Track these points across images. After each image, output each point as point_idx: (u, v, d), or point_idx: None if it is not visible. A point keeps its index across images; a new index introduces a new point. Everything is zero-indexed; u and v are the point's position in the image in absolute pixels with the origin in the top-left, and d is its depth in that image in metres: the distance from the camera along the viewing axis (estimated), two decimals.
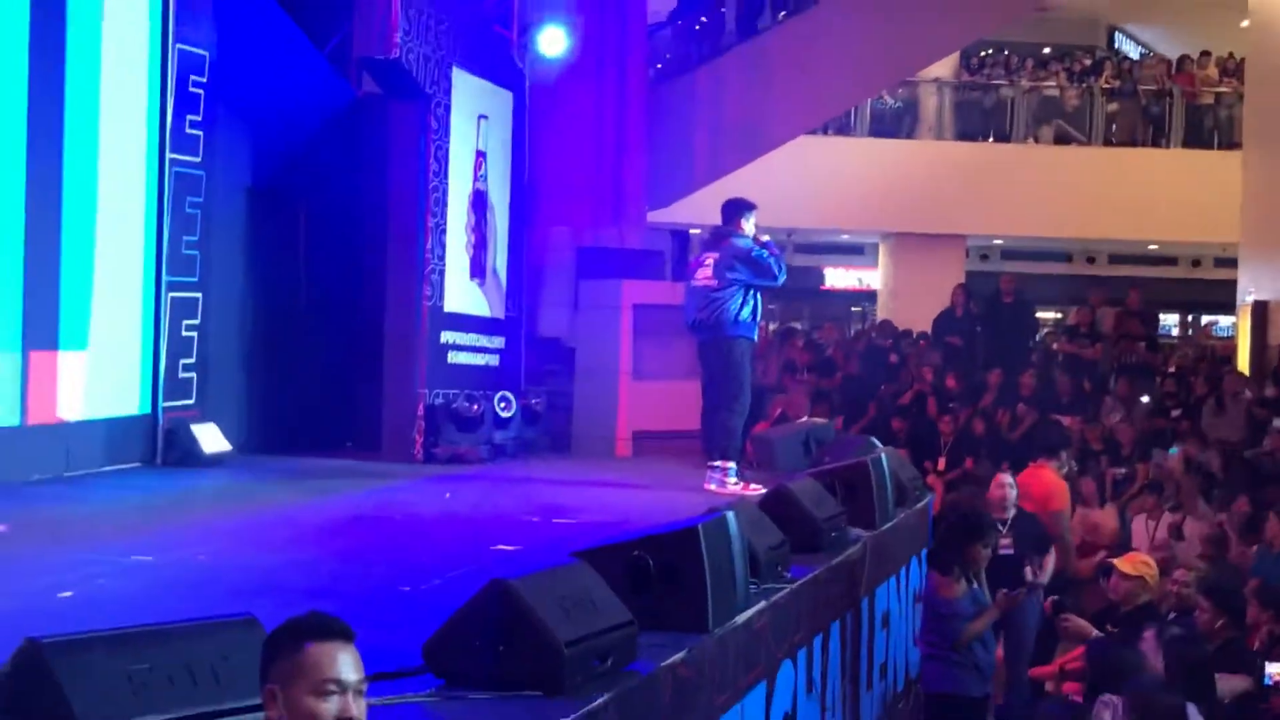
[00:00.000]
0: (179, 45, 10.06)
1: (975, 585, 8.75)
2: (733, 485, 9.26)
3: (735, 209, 9.80)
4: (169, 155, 10.01)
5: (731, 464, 9.39)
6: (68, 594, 5.49)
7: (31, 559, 6.28)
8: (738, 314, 9.41)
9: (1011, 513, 10.00)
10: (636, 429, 12.77)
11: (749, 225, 9.66)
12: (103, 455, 9.62)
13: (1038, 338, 18.92)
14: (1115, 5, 28.98)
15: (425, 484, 9.73)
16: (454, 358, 11.91)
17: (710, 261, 9.55)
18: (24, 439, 8.93)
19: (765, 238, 9.67)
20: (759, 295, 9.53)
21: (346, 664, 3.03)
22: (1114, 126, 24.10)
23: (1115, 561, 9.14)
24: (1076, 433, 13.97)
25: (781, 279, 9.57)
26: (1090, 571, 10.51)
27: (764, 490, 8.83)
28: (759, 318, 9.63)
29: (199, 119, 10.27)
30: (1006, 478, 9.75)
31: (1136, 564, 8.89)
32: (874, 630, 7.41)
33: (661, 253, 15.89)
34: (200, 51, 10.27)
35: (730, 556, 5.11)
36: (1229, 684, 7.71)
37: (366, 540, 7.34)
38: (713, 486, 9.26)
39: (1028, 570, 9.70)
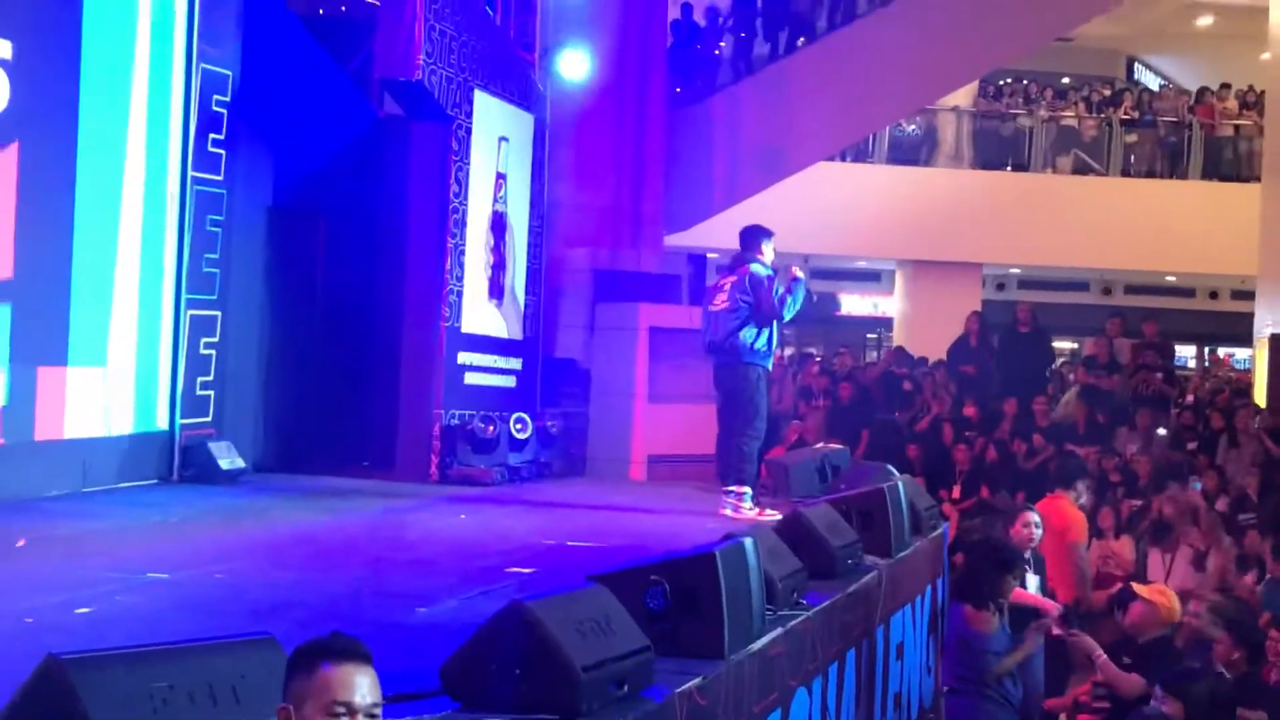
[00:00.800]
0: (203, 65, 10.13)
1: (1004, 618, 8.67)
2: (748, 511, 9.24)
3: (754, 236, 9.79)
4: (191, 173, 10.08)
5: (746, 489, 9.38)
6: (86, 610, 5.50)
7: (49, 574, 6.30)
8: (754, 341, 9.41)
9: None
10: (652, 452, 12.78)
11: (768, 252, 9.68)
12: (120, 471, 9.66)
13: (1054, 367, 18.84)
14: (1135, 37, 29.02)
15: (440, 505, 9.74)
16: (471, 379, 11.94)
17: (728, 286, 9.56)
18: (42, 454, 8.97)
19: (797, 271, 9.71)
20: (774, 325, 9.52)
21: (360, 687, 3.03)
22: (1132, 157, 24.10)
23: (1136, 587, 9.09)
24: (1093, 464, 13.92)
25: (787, 316, 9.51)
26: (1105, 603, 10.46)
27: (779, 516, 8.80)
28: (774, 345, 9.61)
29: (221, 138, 10.33)
30: (1034, 516, 9.64)
31: (1156, 593, 8.85)
32: (889, 659, 7.39)
33: (678, 276, 15.89)
34: (224, 71, 10.33)
35: (747, 583, 5.11)
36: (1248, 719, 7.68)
37: (382, 560, 7.34)
38: (728, 512, 9.25)
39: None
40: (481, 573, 6.85)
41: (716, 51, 19.44)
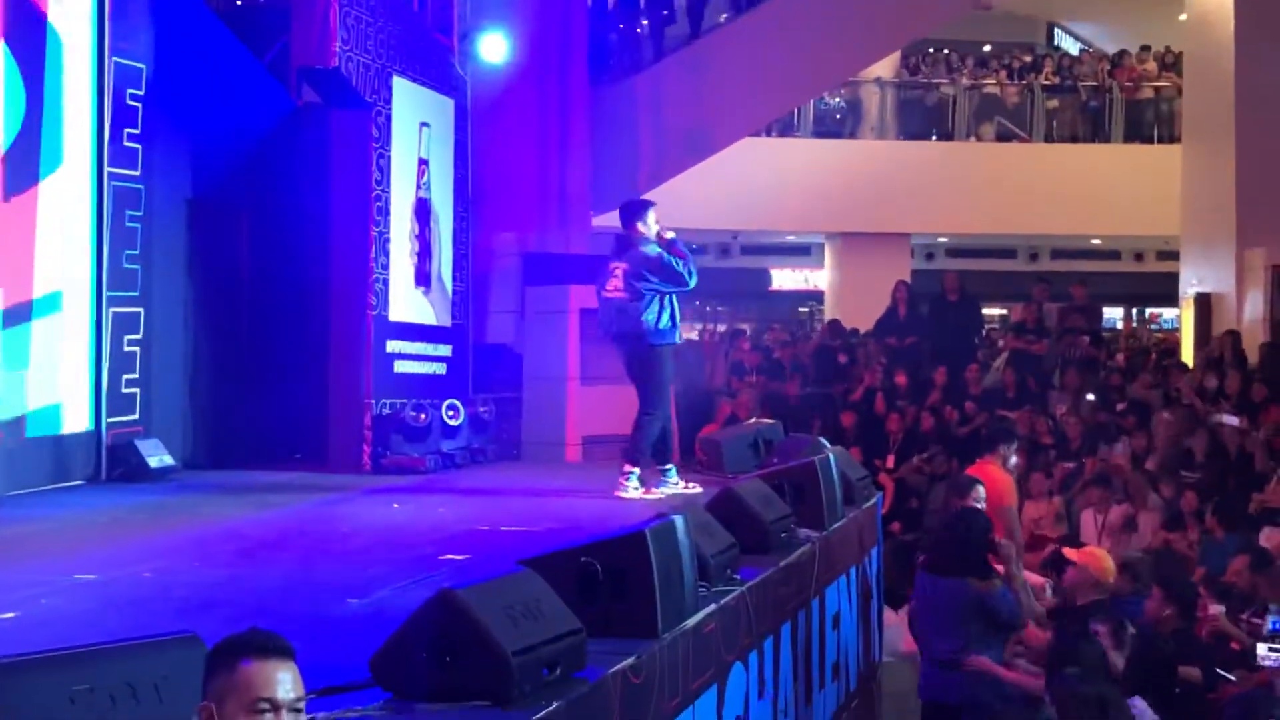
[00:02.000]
0: (115, 58, 10.00)
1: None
2: (634, 492, 9.14)
3: (632, 211, 9.55)
4: (107, 169, 9.94)
5: (634, 469, 9.25)
6: (11, 614, 5.43)
7: None
8: (656, 323, 9.26)
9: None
10: (586, 434, 12.75)
11: (649, 226, 9.41)
12: (46, 473, 9.53)
13: (984, 334, 18.98)
14: (1054, 2, 29.21)
15: (373, 495, 9.68)
16: (400, 367, 11.87)
17: (619, 272, 9.37)
18: None
19: (670, 234, 9.42)
20: (675, 299, 9.37)
21: (283, 682, 3.00)
22: (1054, 123, 24.29)
23: (1067, 551, 9.16)
24: (1024, 427, 14.04)
25: (693, 282, 9.35)
26: (1037, 567, 10.56)
27: (664, 495, 9.04)
28: (678, 320, 9.43)
29: (137, 132, 10.20)
30: (981, 490, 9.55)
31: (1089, 555, 8.92)
32: (825, 630, 7.42)
33: (607, 257, 15.86)
34: (137, 65, 10.20)
35: (679, 560, 5.10)
36: (1187, 676, 7.77)
37: (313, 553, 7.29)
38: (619, 492, 9.17)
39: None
40: (415, 562, 6.81)
41: (638, 30, 19.41)
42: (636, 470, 9.25)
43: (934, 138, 24.20)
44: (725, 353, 18.11)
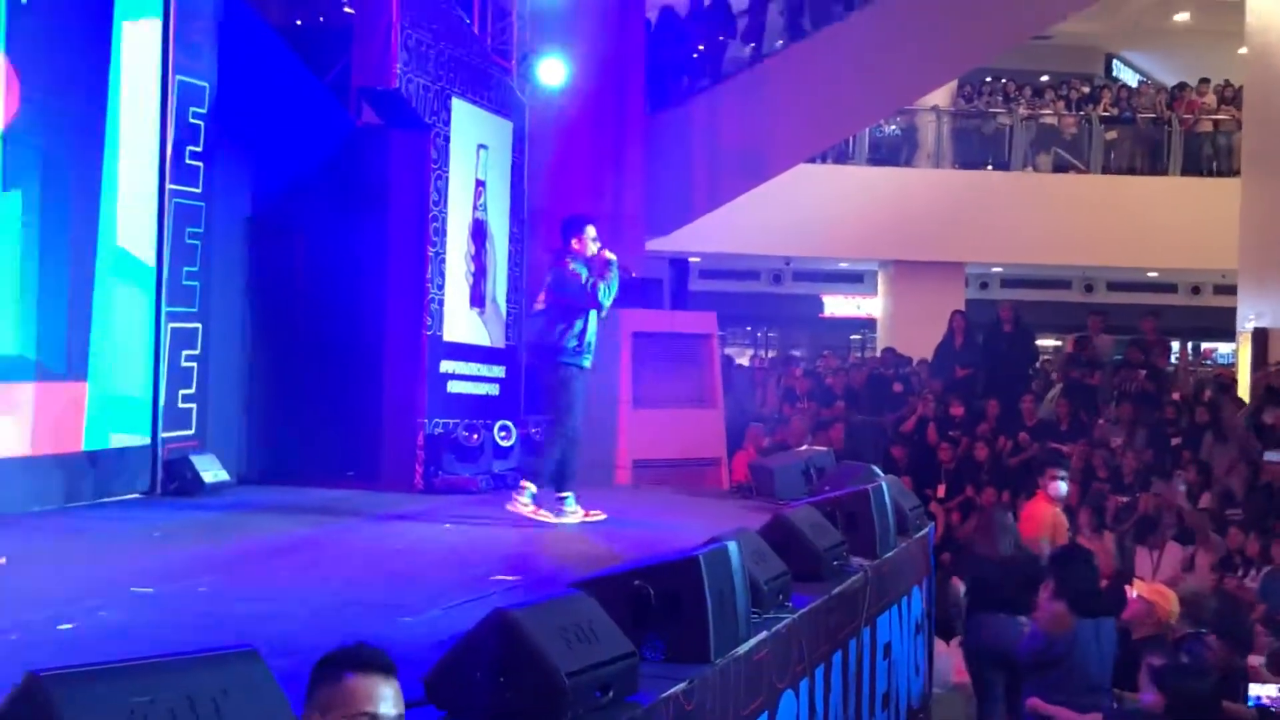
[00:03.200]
0: (179, 77, 10.09)
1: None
2: (523, 507, 9.05)
3: (566, 228, 9.39)
4: (169, 186, 10.03)
5: (530, 485, 9.11)
6: (69, 626, 5.48)
7: (32, 591, 6.27)
8: (562, 340, 9.09)
9: None
10: (637, 457, 12.77)
11: (587, 244, 9.23)
12: (103, 486, 9.62)
13: (1038, 365, 18.88)
14: (1113, 33, 29.08)
15: (425, 514, 9.71)
16: (454, 387, 11.92)
17: (546, 284, 9.38)
18: (25, 470, 8.93)
19: (608, 254, 9.19)
20: (587, 320, 9.13)
21: (384, 699, 3.04)
22: (1112, 154, 24.16)
23: (1137, 585, 9.08)
24: (1078, 460, 13.95)
25: (605, 304, 9.12)
26: None
27: (556, 520, 9.00)
28: (588, 342, 9.14)
29: (199, 150, 10.30)
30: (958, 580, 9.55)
31: (1157, 593, 8.82)
32: (875, 660, 7.39)
33: (660, 281, 15.91)
34: (200, 83, 10.30)
35: (732, 586, 5.10)
36: (1233, 712, 7.68)
37: (367, 571, 7.32)
38: (509, 505, 9.12)
39: None
40: (466, 582, 6.83)
41: (695, 55, 19.45)
42: (531, 487, 9.10)
43: (990, 167, 24.11)
44: (777, 379, 18.09)
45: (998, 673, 9.15)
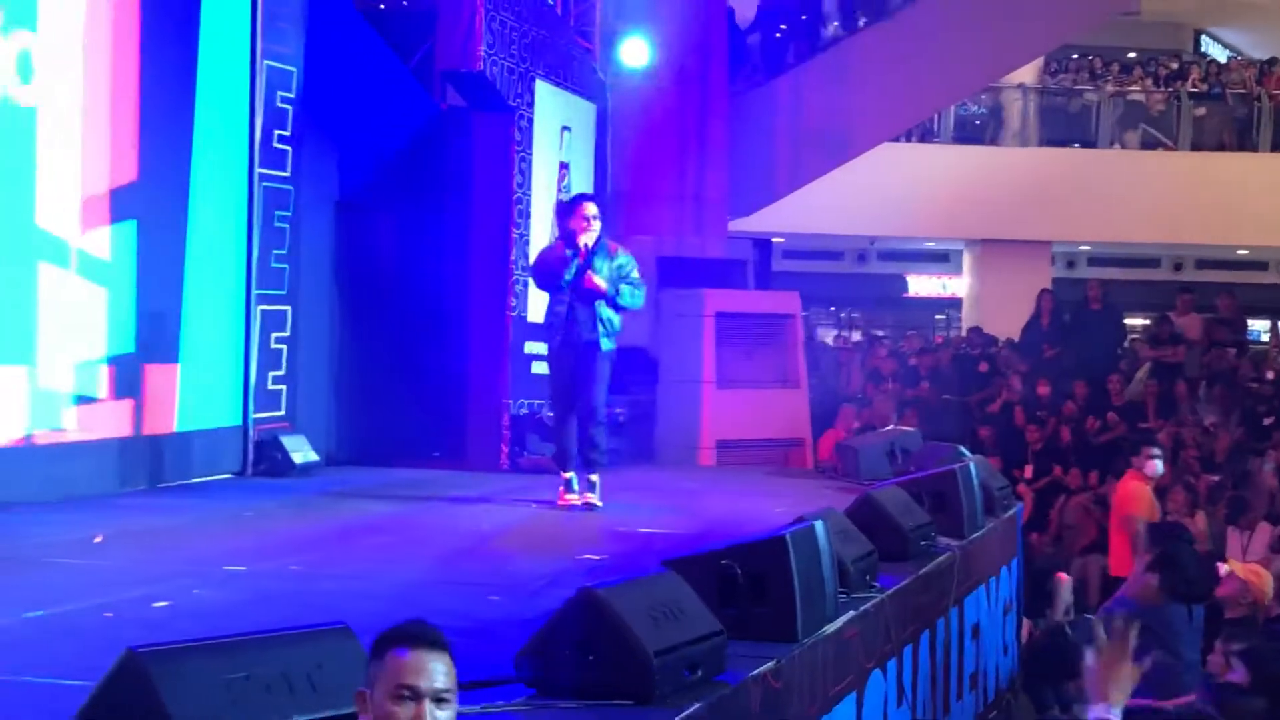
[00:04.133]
0: (267, 61, 10.18)
1: None
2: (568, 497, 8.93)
3: (563, 208, 9.41)
4: (258, 170, 10.13)
5: (566, 474, 8.98)
6: (163, 604, 5.56)
7: (127, 569, 6.37)
8: (545, 317, 9.11)
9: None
10: (720, 438, 12.74)
11: (579, 222, 8.82)
12: (195, 466, 9.75)
13: (1126, 344, 18.67)
14: (1201, 9, 28.65)
15: (511, 493, 9.76)
16: (538, 368, 11.95)
17: None
18: (118, 451, 9.06)
19: (582, 236, 8.71)
20: (551, 300, 8.92)
21: (432, 672, 3.05)
22: (1201, 131, 23.81)
23: (1231, 564, 8.95)
24: (1166, 440, 13.79)
25: (539, 284, 9.06)
26: None
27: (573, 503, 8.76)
28: (553, 320, 8.87)
29: (287, 134, 10.39)
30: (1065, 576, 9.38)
31: (1255, 573, 8.69)
32: (964, 640, 7.36)
33: (744, 261, 15.87)
34: (288, 68, 10.39)
35: (819, 566, 5.10)
36: None
37: (455, 550, 7.38)
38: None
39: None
40: (553, 560, 6.87)
41: (777, 35, 19.38)
42: (568, 475, 8.97)
43: (1077, 145, 23.83)
44: (861, 359, 18.01)
45: None
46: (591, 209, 8.82)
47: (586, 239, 8.69)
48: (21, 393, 8.35)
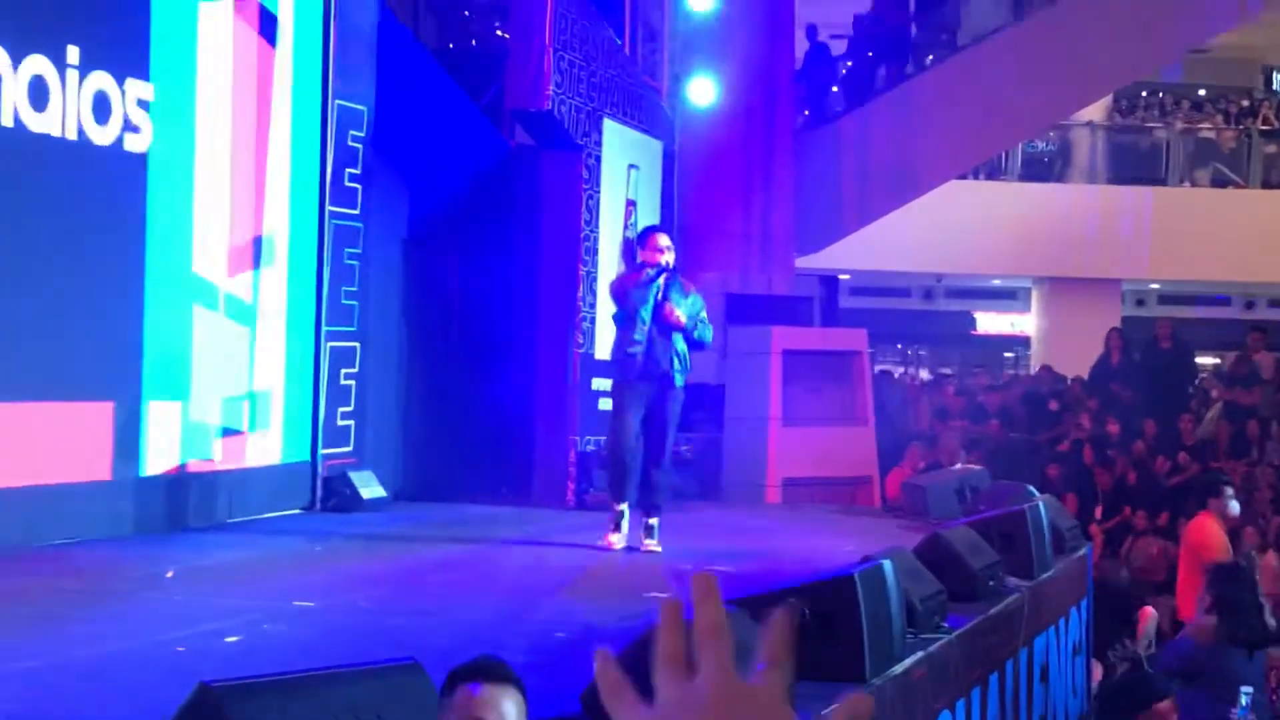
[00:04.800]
0: (339, 101, 10.30)
1: None
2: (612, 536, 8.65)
3: (638, 238, 9.03)
4: (329, 208, 10.24)
5: (619, 506, 8.69)
6: (235, 638, 5.62)
7: (199, 604, 6.44)
8: (614, 349, 8.77)
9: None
10: (787, 475, 12.71)
11: (651, 254, 8.59)
12: (264, 502, 9.83)
13: (1197, 383, 18.49)
14: (1272, 45, 28.41)
15: (577, 531, 9.76)
16: (605, 404, 11.97)
17: None
18: (187, 486, 9.16)
19: (660, 259, 8.49)
20: (629, 327, 8.52)
21: (500, 707, 3.07)
22: (1272, 168, 23.60)
23: None
24: (1239, 479, 13.63)
25: (636, 309, 8.45)
26: None
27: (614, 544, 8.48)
28: (626, 348, 8.49)
29: (358, 172, 10.50)
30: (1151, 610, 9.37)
31: None
32: (1033, 682, 7.30)
33: (810, 298, 15.84)
34: (359, 107, 10.51)
35: (887, 605, 5.08)
36: None
37: (522, 587, 7.40)
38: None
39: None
40: (620, 599, 6.87)
41: (843, 71, 19.41)
42: (621, 507, 8.68)
43: (1147, 182, 23.68)
44: (929, 397, 17.93)
45: None
46: (664, 239, 8.65)
47: (668, 259, 8.53)
48: None
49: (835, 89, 19.24)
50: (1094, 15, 17.10)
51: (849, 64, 19.55)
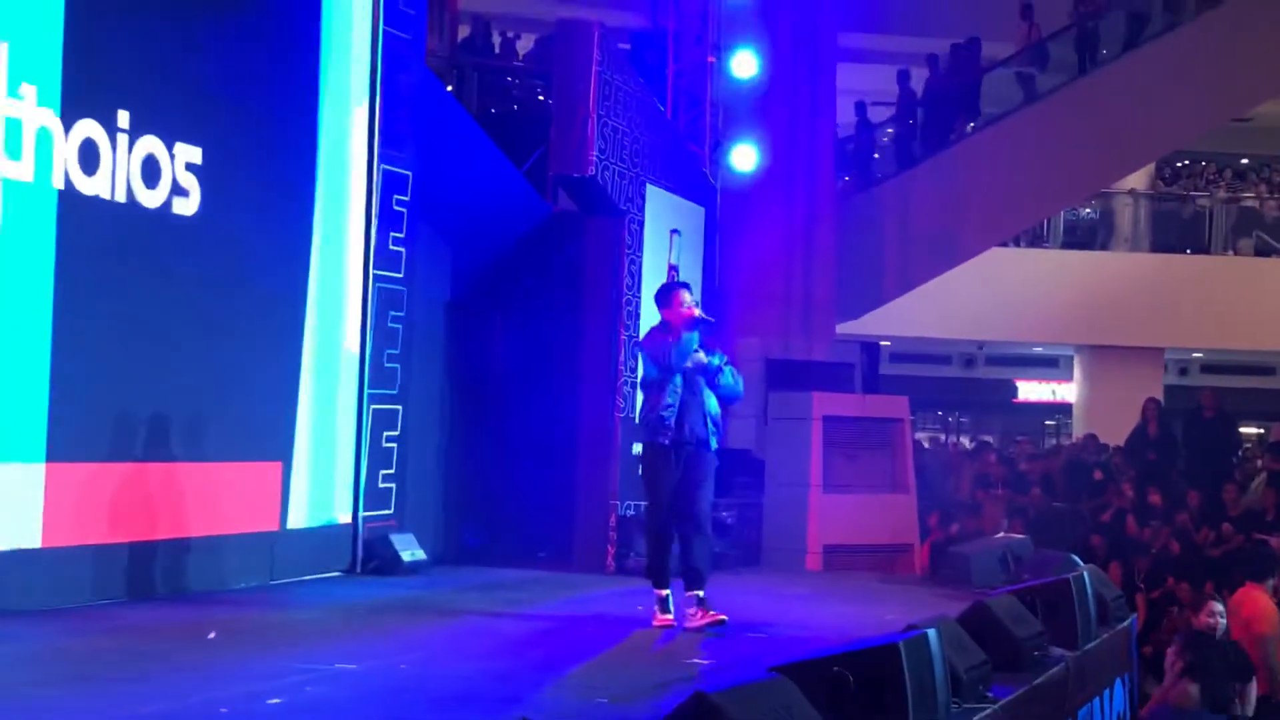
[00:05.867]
0: (383, 166, 10.39)
1: None
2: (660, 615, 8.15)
3: (659, 296, 8.38)
4: (373, 271, 10.31)
5: (662, 591, 8.19)
6: (277, 700, 5.61)
7: (240, 665, 6.44)
8: (644, 414, 8.17)
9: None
10: (827, 542, 12.65)
11: (673, 311, 8.15)
12: (306, 563, 9.85)
13: (1240, 454, 18.35)
14: None
15: (618, 596, 9.74)
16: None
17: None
18: (230, 547, 9.18)
19: (695, 312, 8.07)
20: (660, 389, 8.05)
21: None
22: None
23: None
24: None
25: (678, 365, 7.98)
26: None
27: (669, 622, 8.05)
28: (663, 413, 8.01)
29: (402, 236, 10.57)
30: (1218, 606, 9.35)
31: None
32: None
33: (852, 365, 15.82)
34: (404, 171, 10.59)
35: (932, 674, 5.05)
36: None
37: (562, 651, 7.38)
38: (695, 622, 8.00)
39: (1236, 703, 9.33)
40: (661, 665, 6.84)
41: (885, 139, 19.48)
42: (662, 592, 8.19)
43: (1189, 251, 23.62)
44: (970, 464, 17.85)
45: None
46: (688, 296, 8.21)
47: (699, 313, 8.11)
48: None
49: (877, 156, 19.30)
50: (1137, 83, 17.14)
51: (890, 131, 19.63)
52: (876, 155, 19.45)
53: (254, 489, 9.46)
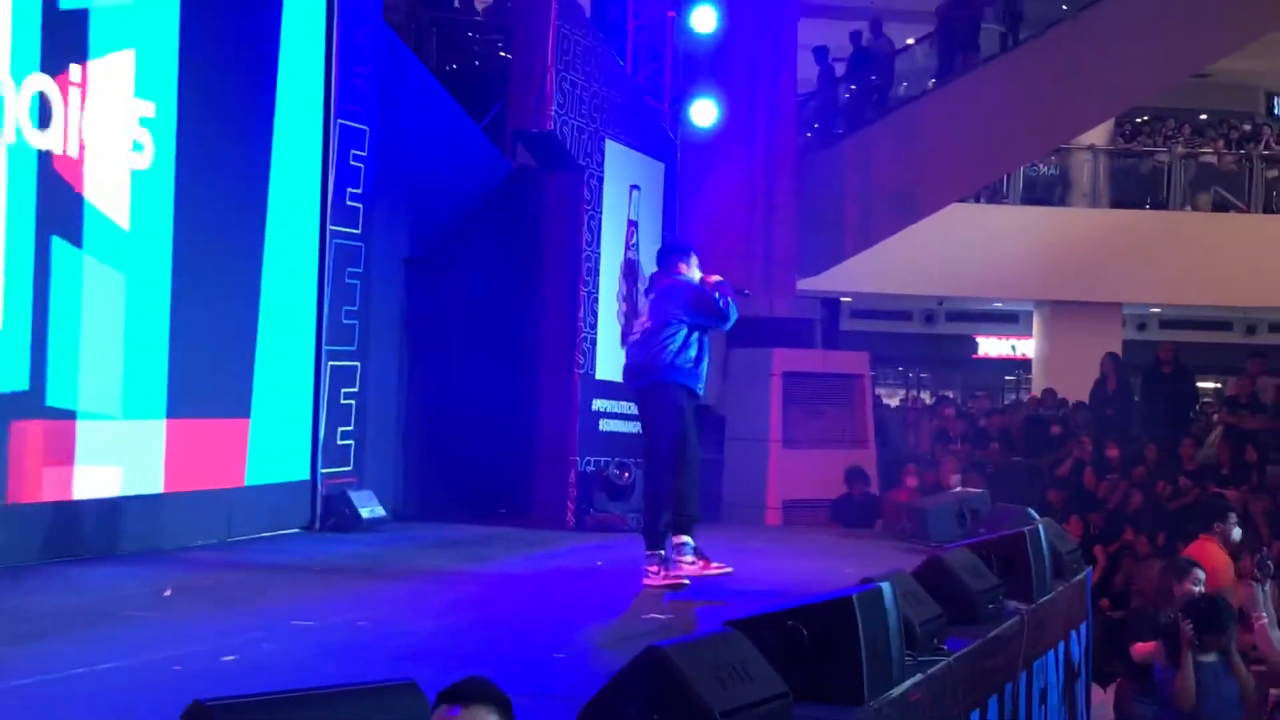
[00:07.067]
0: (340, 120, 10.32)
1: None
2: (688, 566, 7.86)
3: (670, 254, 8.40)
4: (330, 227, 10.25)
5: (687, 539, 7.91)
6: (232, 657, 5.60)
7: (196, 623, 6.42)
8: (675, 357, 7.91)
9: None
10: (787, 498, 12.72)
11: (690, 270, 8.25)
12: (263, 521, 9.82)
13: (1198, 408, 18.46)
14: (1274, 71, 28.48)
15: (577, 551, 9.77)
16: (605, 425, 11.99)
17: (646, 309, 8.32)
18: (187, 505, 9.15)
19: (715, 278, 8.18)
20: (704, 341, 8.07)
21: None
22: (1274, 193, 23.61)
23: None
24: (1240, 505, 13.60)
25: (732, 319, 8.07)
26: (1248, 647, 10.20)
27: (728, 569, 7.92)
28: (703, 366, 8.02)
29: (359, 192, 10.51)
30: (1199, 573, 9.34)
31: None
32: (1032, 705, 7.27)
33: (812, 321, 15.84)
34: (361, 126, 10.52)
35: (886, 628, 5.07)
36: None
37: (520, 607, 7.40)
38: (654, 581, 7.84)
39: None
40: (618, 620, 6.86)
41: (847, 95, 19.44)
42: (689, 540, 7.94)
43: (1148, 206, 23.70)
44: (929, 420, 17.92)
45: None
46: (696, 259, 8.32)
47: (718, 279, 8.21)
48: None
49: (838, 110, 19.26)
50: (1096, 39, 17.13)
51: (852, 87, 19.59)
52: (838, 111, 19.39)
53: (214, 446, 9.42)
